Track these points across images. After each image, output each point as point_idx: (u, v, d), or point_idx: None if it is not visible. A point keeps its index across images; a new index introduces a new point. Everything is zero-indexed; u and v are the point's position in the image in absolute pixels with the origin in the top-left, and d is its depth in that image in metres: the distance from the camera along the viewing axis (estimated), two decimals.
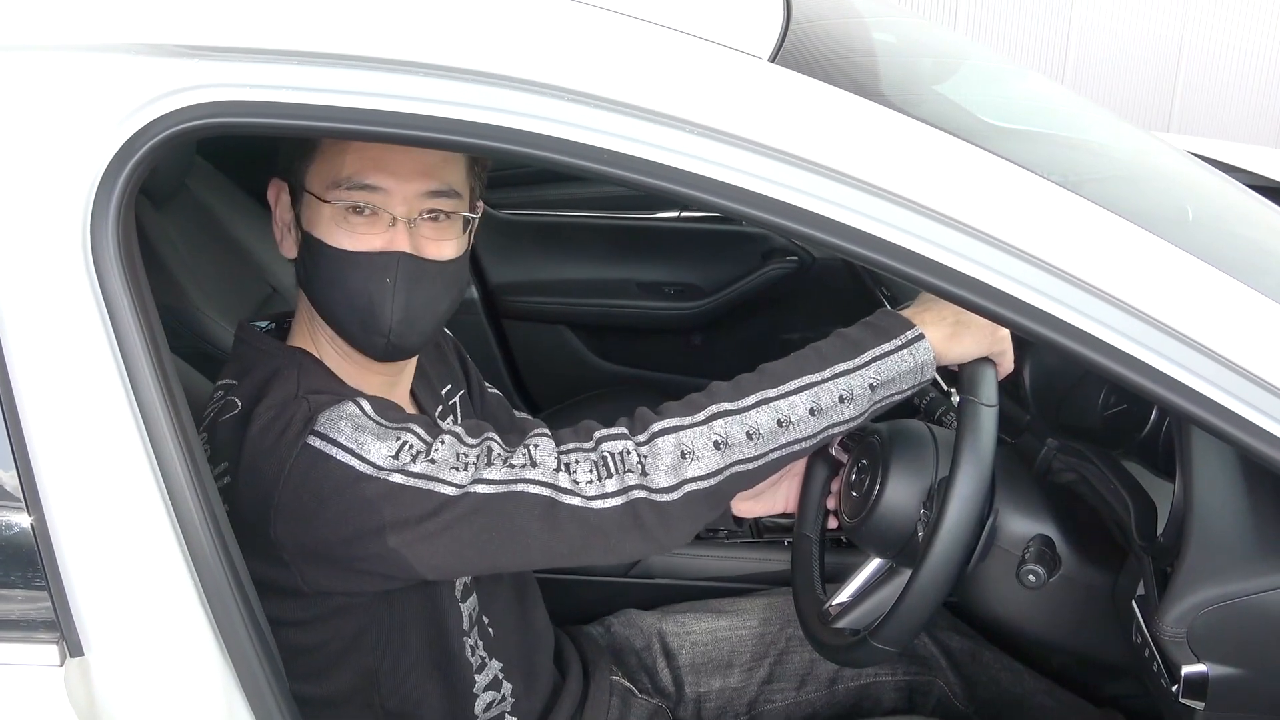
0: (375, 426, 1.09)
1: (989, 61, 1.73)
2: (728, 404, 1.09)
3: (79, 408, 0.95)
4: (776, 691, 1.58)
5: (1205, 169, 1.60)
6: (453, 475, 1.06)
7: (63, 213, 0.92)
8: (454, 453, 1.07)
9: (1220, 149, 2.30)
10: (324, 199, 1.13)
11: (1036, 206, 0.94)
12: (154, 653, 1.00)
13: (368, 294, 1.14)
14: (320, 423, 1.08)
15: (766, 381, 1.11)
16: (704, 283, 2.70)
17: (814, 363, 1.12)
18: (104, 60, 0.91)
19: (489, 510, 1.06)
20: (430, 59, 0.90)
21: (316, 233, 1.15)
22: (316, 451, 1.07)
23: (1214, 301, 0.94)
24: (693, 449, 1.07)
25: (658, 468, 1.07)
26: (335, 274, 1.15)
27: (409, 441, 1.08)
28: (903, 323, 1.15)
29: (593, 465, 1.06)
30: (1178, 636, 1.09)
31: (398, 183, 1.13)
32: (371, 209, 1.13)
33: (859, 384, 1.12)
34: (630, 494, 1.06)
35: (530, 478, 1.06)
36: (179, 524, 0.96)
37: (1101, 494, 1.32)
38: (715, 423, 1.08)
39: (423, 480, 1.06)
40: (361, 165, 1.12)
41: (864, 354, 1.12)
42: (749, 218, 0.93)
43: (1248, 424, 0.94)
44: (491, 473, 1.06)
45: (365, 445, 1.07)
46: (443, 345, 1.45)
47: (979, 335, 1.15)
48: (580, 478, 1.06)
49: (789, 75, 0.95)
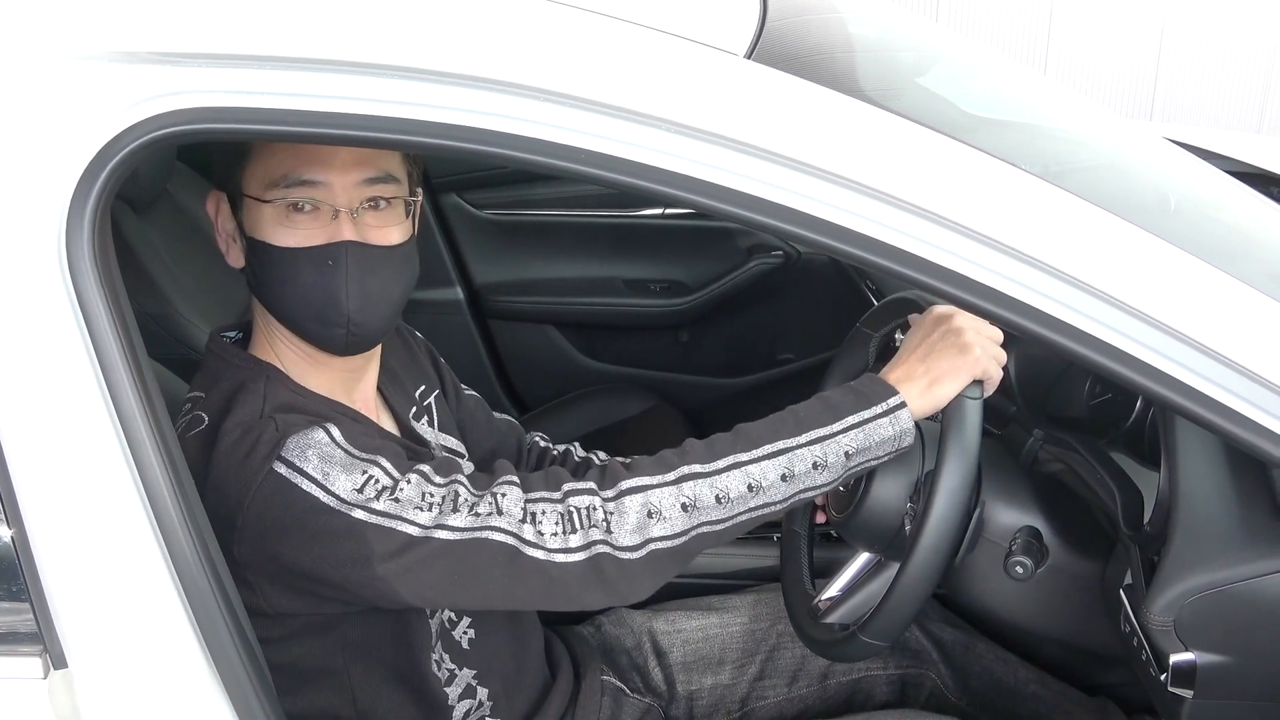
0: (343, 456, 1.08)
1: (970, 53, 1.73)
2: (699, 465, 1.09)
3: (56, 416, 0.94)
4: (769, 688, 1.58)
5: (1187, 157, 1.60)
6: (416, 515, 1.06)
7: (38, 219, 0.92)
8: (420, 492, 1.07)
9: (1202, 136, 2.30)
10: (264, 200, 1.12)
11: (1016, 200, 0.94)
12: (138, 663, 0.99)
13: (321, 288, 1.14)
14: (287, 448, 1.07)
15: (740, 444, 1.10)
16: (689, 279, 2.70)
17: (790, 426, 1.11)
18: (79, 67, 0.91)
19: (451, 555, 1.06)
20: (406, 62, 0.90)
21: (260, 235, 1.14)
22: (281, 478, 1.06)
23: (1196, 291, 0.95)
24: (660, 509, 1.07)
25: (623, 526, 1.07)
26: (286, 273, 1.14)
27: (375, 476, 1.07)
28: (884, 389, 1.14)
29: (559, 518, 1.06)
30: (1165, 625, 1.09)
31: (336, 174, 1.12)
32: (313, 204, 1.12)
33: (834, 451, 1.11)
34: (594, 549, 1.06)
35: (495, 525, 1.06)
36: (161, 532, 0.96)
37: (1088, 484, 1.32)
38: (685, 484, 1.08)
39: (385, 519, 1.06)
40: (298, 161, 1.11)
41: (841, 420, 1.12)
42: (727, 215, 0.93)
43: (1232, 412, 0.94)
44: (456, 519, 1.06)
45: (331, 476, 1.06)
46: (413, 346, 1.43)
47: (955, 375, 1.14)
48: (545, 529, 1.06)
49: (765, 72, 0.94)
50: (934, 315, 1.19)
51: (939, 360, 1.14)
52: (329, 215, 1.13)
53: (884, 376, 1.16)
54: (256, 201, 1.13)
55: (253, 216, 1.14)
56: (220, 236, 1.19)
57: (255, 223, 1.14)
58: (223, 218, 1.19)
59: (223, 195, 1.18)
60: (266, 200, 1.12)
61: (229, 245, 1.19)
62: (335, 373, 1.23)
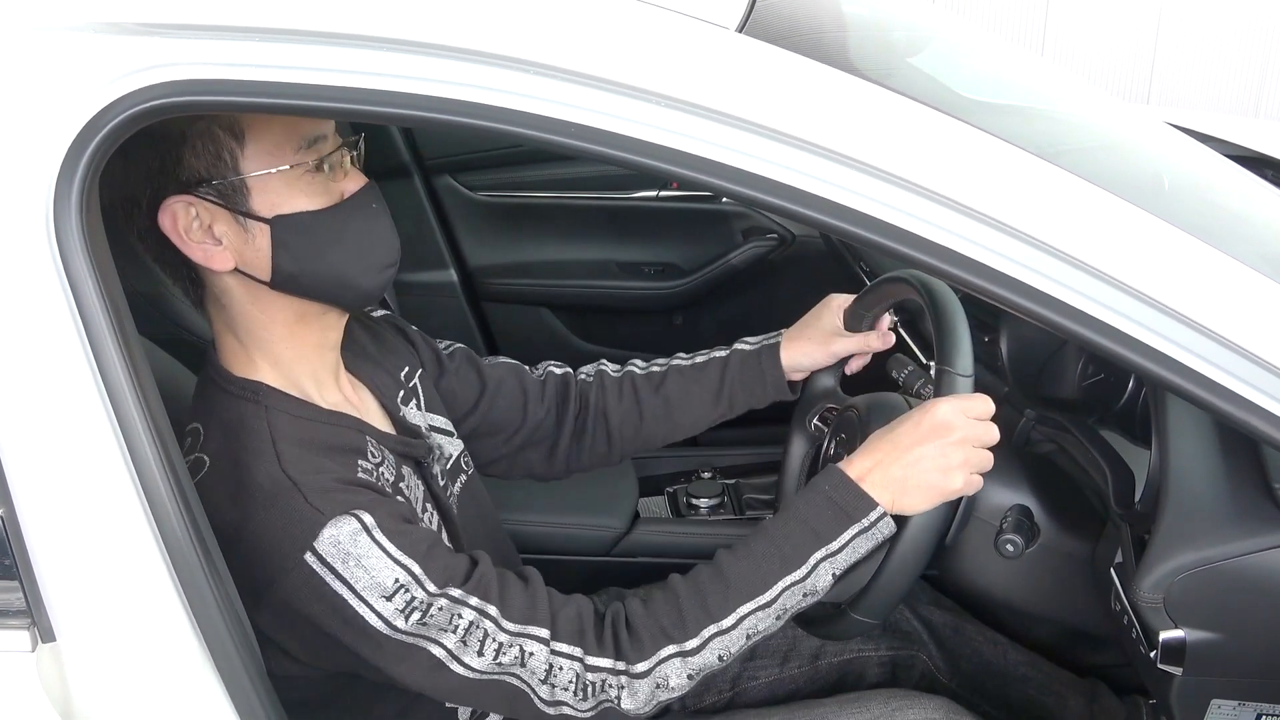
0: (378, 555, 1.03)
1: (964, 33, 1.73)
2: (714, 626, 1.10)
3: (45, 393, 0.94)
4: (760, 668, 1.58)
5: (1182, 139, 1.59)
6: (442, 637, 1.05)
7: (25, 194, 0.91)
8: (449, 615, 1.05)
9: (1198, 119, 2.30)
10: (289, 165, 1.06)
11: (1011, 176, 0.94)
12: (127, 636, 0.99)
13: (370, 233, 1.13)
14: (321, 541, 1.03)
15: (734, 596, 1.11)
16: (684, 262, 2.70)
17: (775, 565, 1.11)
18: (64, 39, 0.90)
19: (467, 685, 1.08)
20: (392, 33, 0.89)
21: (287, 209, 1.07)
22: (313, 571, 1.03)
23: (1191, 269, 0.94)
24: (668, 681, 1.10)
25: (635, 698, 1.10)
26: (330, 234, 1.09)
27: (406, 585, 1.04)
28: (864, 502, 1.12)
29: (575, 679, 1.08)
30: (1155, 602, 1.09)
31: (328, 125, 1.10)
32: (330, 162, 1.10)
33: (823, 577, 1.12)
34: (602, 706, 1.10)
35: (515, 674, 1.08)
36: (149, 506, 0.95)
37: (1079, 463, 1.32)
38: (691, 658, 1.10)
39: (411, 638, 1.05)
40: (293, 120, 1.07)
41: (825, 546, 1.11)
42: (717, 189, 0.92)
43: (1224, 390, 0.94)
44: (480, 662, 1.06)
45: (363, 583, 1.03)
46: (376, 329, 1.38)
47: (929, 493, 1.13)
48: (559, 687, 1.08)
49: (757, 45, 0.94)
50: (935, 419, 1.12)
51: (919, 472, 1.11)
52: (344, 164, 1.11)
53: (861, 470, 1.13)
54: (270, 177, 1.06)
55: (268, 196, 1.07)
56: (194, 247, 1.08)
57: (274, 200, 1.07)
58: (196, 223, 1.07)
59: (191, 199, 1.06)
60: (298, 164, 1.07)
61: (209, 251, 1.08)
62: (317, 358, 1.18)
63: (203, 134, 1.04)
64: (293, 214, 1.08)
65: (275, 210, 1.07)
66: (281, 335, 1.14)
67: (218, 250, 1.08)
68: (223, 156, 1.05)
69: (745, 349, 1.49)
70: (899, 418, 1.15)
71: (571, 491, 2.06)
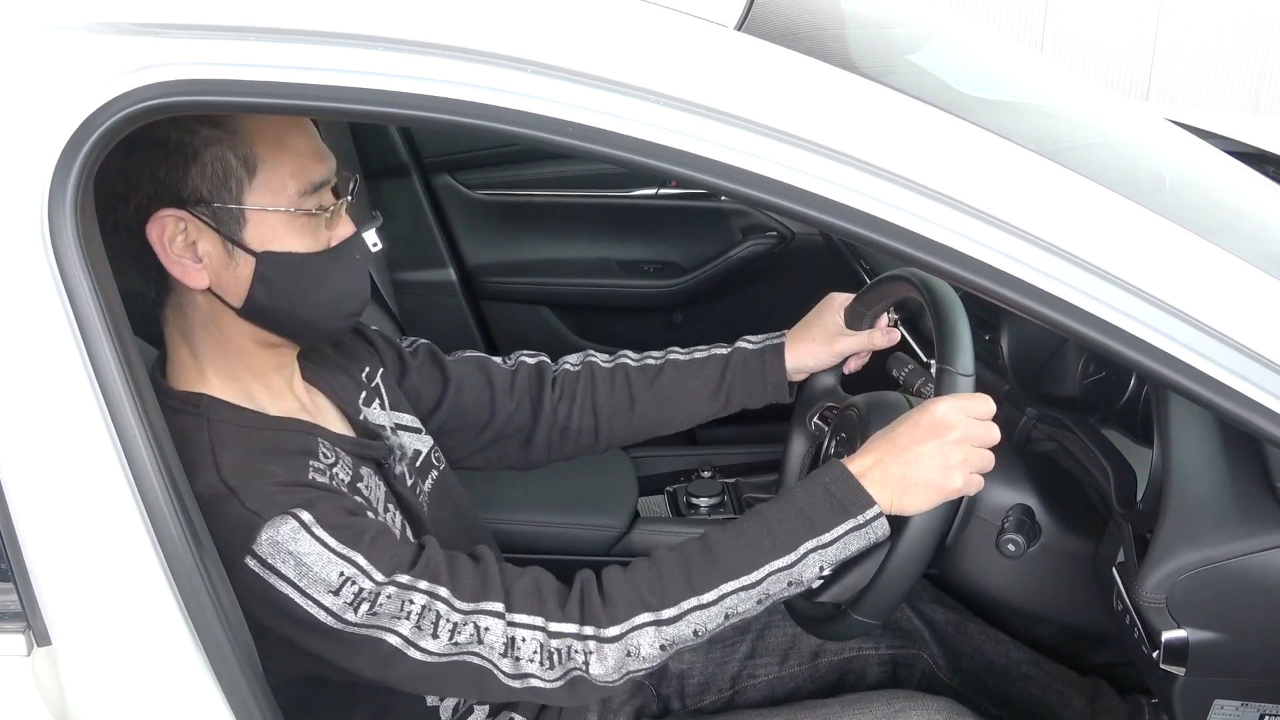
0: (319, 551, 1.03)
1: (964, 30, 1.72)
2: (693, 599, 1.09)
3: (40, 393, 0.93)
4: (760, 667, 1.58)
5: (1183, 135, 1.59)
6: (396, 625, 1.04)
7: (20, 193, 0.90)
8: (399, 603, 1.04)
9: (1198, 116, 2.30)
10: (297, 210, 1.08)
11: (1012, 173, 0.93)
12: (123, 640, 0.99)
13: (346, 282, 1.14)
14: (260, 544, 1.02)
15: (719, 572, 1.09)
16: (683, 260, 2.70)
17: (766, 547, 1.10)
18: (59, 38, 0.90)
19: (425, 670, 1.06)
20: (389, 33, 0.89)
21: (276, 246, 1.08)
22: (255, 575, 1.03)
23: (1192, 266, 0.94)
24: (639, 650, 1.08)
25: (604, 664, 1.08)
26: (313, 277, 1.11)
27: (351, 577, 1.03)
28: (862, 498, 1.11)
29: (539, 649, 1.07)
30: (1158, 602, 1.09)
31: (330, 170, 1.11)
32: (335, 206, 1.12)
33: (810, 568, 1.11)
34: (571, 675, 1.08)
35: (474, 651, 1.06)
36: (145, 508, 0.95)
37: (1081, 462, 1.32)
38: (665, 627, 1.09)
39: (363, 629, 1.04)
40: (307, 164, 1.08)
41: (817, 536, 1.10)
42: (716, 188, 0.92)
43: (1226, 389, 0.93)
44: (435, 644, 1.05)
45: (307, 579, 1.02)
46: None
47: (929, 492, 1.12)
48: (524, 659, 1.07)
49: (756, 43, 0.93)
50: (935, 419, 1.12)
51: (919, 471, 1.10)
52: (342, 208, 1.13)
53: (861, 467, 1.12)
54: (268, 213, 1.07)
55: (262, 230, 1.07)
56: (172, 260, 1.07)
57: (266, 235, 1.07)
58: (181, 238, 1.07)
59: (182, 214, 1.05)
60: (301, 210, 1.08)
61: (187, 268, 1.08)
62: (274, 371, 1.18)
63: (216, 157, 1.05)
64: (281, 252, 1.09)
65: (265, 245, 1.08)
66: (235, 354, 1.15)
67: (196, 268, 1.08)
68: (229, 183, 1.06)
69: (748, 348, 1.48)
70: (899, 417, 1.15)
71: (571, 491, 2.06)
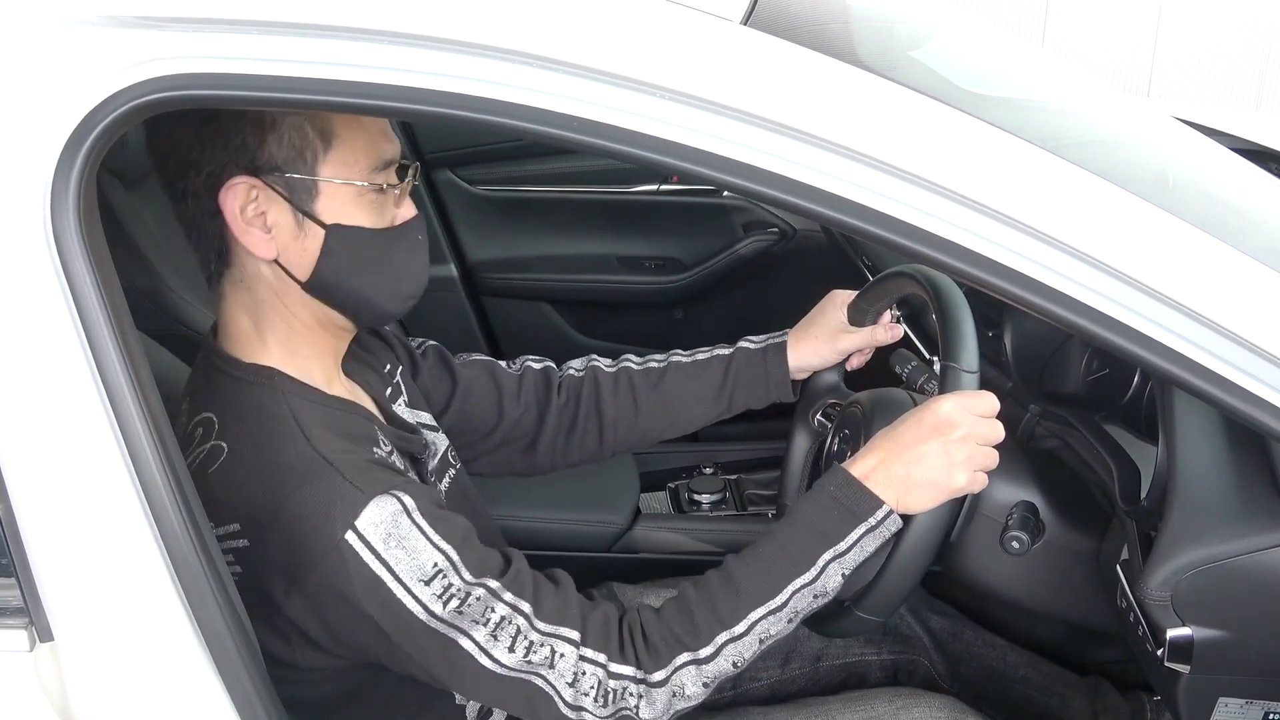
0: (416, 536, 1.03)
1: (966, 26, 1.72)
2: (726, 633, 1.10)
3: (42, 389, 0.93)
4: (762, 669, 1.58)
5: (1187, 132, 1.59)
6: (474, 629, 1.05)
7: (22, 187, 0.90)
8: (484, 608, 1.05)
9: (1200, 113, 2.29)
10: (370, 184, 1.09)
11: (1016, 169, 0.93)
12: (126, 635, 0.99)
13: (408, 262, 1.15)
14: (363, 520, 1.02)
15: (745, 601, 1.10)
16: (685, 256, 2.69)
17: (784, 567, 1.10)
18: (63, 32, 0.89)
19: (493, 680, 1.07)
20: (393, 27, 0.88)
21: (345, 220, 1.09)
22: (352, 552, 1.02)
23: (1196, 262, 0.93)
24: (684, 690, 1.10)
25: (653, 706, 1.09)
26: (376, 253, 1.11)
27: (444, 570, 1.04)
28: (870, 501, 1.10)
29: (597, 686, 1.08)
30: (1162, 600, 1.09)
31: (398, 149, 1.13)
32: (400, 187, 1.13)
33: (832, 577, 1.11)
34: (621, 714, 1.09)
35: (544, 675, 1.07)
36: (148, 504, 0.95)
37: (1085, 459, 1.32)
38: (705, 665, 1.10)
39: (445, 627, 1.04)
40: (379, 141, 1.10)
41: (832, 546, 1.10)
42: (721, 183, 0.92)
43: (1231, 385, 0.93)
44: (510, 658, 1.06)
45: (401, 564, 1.03)
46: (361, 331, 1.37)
47: (933, 491, 1.11)
48: (584, 693, 1.08)
49: (761, 38, 0.93)
50: (938, 417, 1.11)
51: (922, 470, 1.10)
52: (409, 188, 1.14)
53: (865, 468, 1.12)
54: (339, 186, 1.08)
55: (333, 203, 1.08)
56: (242, 228, 1.07)
57: (337, 208, 1.08)
58: (253, 206, 1.07)
59: (258, 183, 1.06)
60: (373, 184, 1.09)
61: (255, 237, 1.08)
62: (331, 354, 1.19)
63: (294, 127, 1.06)
64: (350, 226, 1.09)
65: (335, 218, 1.09)
66: (298, 329, 1.15)
67: (265, 238, 1.09)
68: (304, 154, 1.07)
69: (750, 348, 1.48)
70: (902, 415, 1.14)
71: (572, 487, 2.06)
